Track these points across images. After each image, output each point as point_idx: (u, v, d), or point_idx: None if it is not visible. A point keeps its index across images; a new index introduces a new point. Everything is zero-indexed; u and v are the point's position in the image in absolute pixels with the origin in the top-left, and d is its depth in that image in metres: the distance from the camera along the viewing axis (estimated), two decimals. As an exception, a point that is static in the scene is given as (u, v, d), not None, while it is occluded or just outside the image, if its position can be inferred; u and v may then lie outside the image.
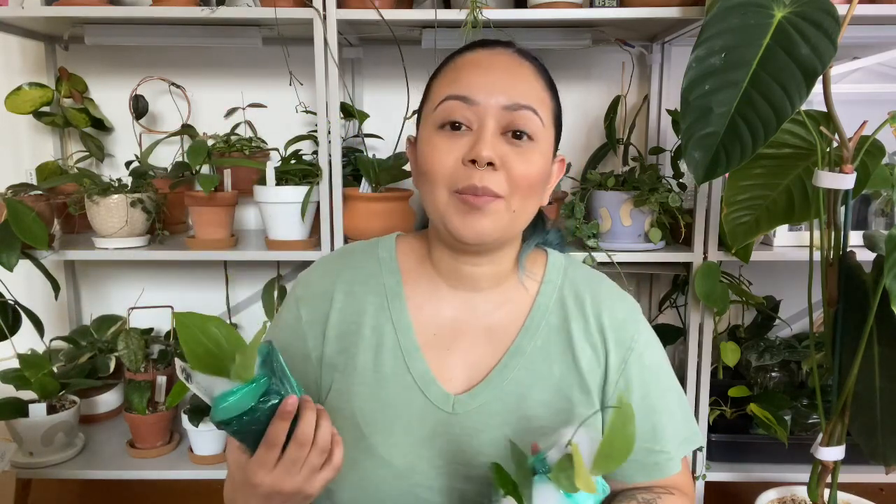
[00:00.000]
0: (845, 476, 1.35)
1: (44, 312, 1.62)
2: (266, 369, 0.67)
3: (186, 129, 1.77)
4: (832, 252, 1.22)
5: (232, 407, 0.64)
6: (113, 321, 1.81)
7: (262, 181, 1.53)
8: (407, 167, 1.46)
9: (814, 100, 1.21)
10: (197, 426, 1.58)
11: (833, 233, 1.21)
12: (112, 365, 1.72)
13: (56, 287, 1.56)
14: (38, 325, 1.55)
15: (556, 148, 0.84)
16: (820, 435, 1.27)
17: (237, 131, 1.76)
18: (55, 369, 1.63)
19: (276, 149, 1.72)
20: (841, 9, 1.05)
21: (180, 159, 1.79)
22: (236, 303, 1.90)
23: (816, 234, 1.23)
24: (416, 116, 0.86)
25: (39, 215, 1.47)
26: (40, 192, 1.62)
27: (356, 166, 1.59)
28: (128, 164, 1.75)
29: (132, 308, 1.71)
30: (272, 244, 1.56)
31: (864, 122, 1.15)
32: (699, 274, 1.49)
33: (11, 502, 1.55)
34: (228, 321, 1.85)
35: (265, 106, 1.79)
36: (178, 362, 0.68)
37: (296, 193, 1.51)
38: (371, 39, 1.75)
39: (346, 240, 1.51)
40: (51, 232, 1.57)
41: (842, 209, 1.19)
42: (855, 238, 1.39)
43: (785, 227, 1.51)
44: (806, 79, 1.02)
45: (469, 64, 0.80)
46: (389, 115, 1.76)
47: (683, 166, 1.61)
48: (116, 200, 1.52)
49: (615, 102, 1.69)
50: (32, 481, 1.63)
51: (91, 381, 1.68)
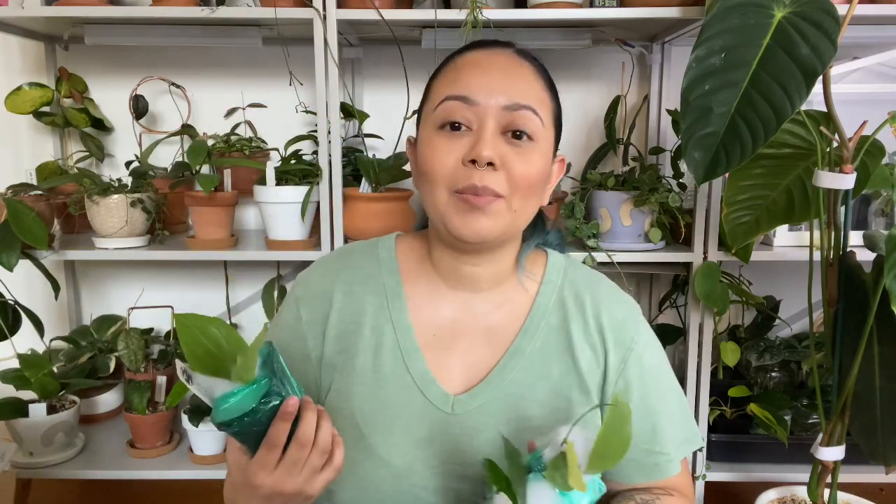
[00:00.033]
0: (845, 476, 1.35)
1: (44, 312, 1.62)
2: (267, 370, 0.67)
3: (186, 129, 1.77)
4: (832, 252, 1.22)
5: (233, 408, 0.64)
6: (113, 321, 1.81)
7: (262, 181, 1.53)
8: (407, 167, 1.46)
9: (814, 100, 1.21)
10: (197, 426, 1.58)
11: (833, 233, 1.21)
12: (112, 365, 1.72)
13: (56, 287, 1.56)
14: (38, 325, 1.55)
15: (556, 148, 0.84)
16: (820, 435, 1.27)
17: (237, 131, 1.76)
18: (55, 369, 1.63)
19: (276, 149, 1.72)
20: (841, 9, 1.05)
21: (180, 159, 1.78)
22: (236, 303, 1.90)
23: (816, 234, 1.23)
24: (416, 117, 0.86)
25: (39, 215, 1.47)
26: (40, 192, 1.62)
27: (356, 166, 1.59)
28: (128, 164, 1.75)
29: (132, 308, 1.71)
30: (272, 244, 1.56)
31: (864, 122, 1.15)
32: (699, 274, 1.49)
33: (11, 502, 1.55)
34: (228, 321, 1.85)
35: (265, 106, 1.79)
36: (179, 363, 0.68)
37: (296, 193, 1.51)
38: (371, 39, 1.75)
39: (346, 240, 1.51)
40: (51, 232, 1.57)
41: (842, 209, 1.19)
42: (855, 238, 1.39)
43: (785, 227, 1.51)
44: (806, 79, 1.02)
45: (469, 64, 0.80)
46: (389, 115, 1.76)
47: (683, 166, 1.61)
48: (116, 200, 1.52)
49: (615, 102, 1.69)
50: (32, 481, 1.63)
51: (91, 381, 1.68)
